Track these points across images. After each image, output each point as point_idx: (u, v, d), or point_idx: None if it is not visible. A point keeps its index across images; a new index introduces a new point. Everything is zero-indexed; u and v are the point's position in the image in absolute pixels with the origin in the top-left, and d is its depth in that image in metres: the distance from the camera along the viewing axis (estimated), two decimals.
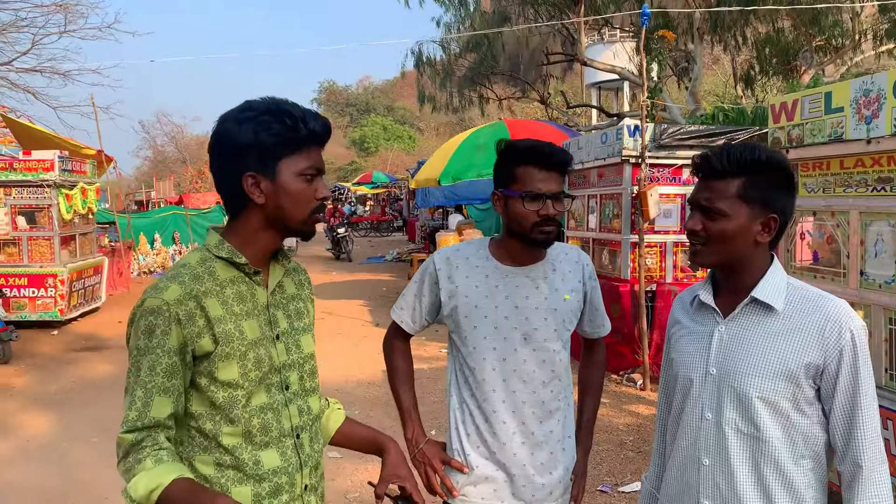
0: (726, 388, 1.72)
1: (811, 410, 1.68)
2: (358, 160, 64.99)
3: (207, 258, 1.62)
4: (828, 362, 1.64)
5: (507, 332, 2.12)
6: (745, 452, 1.71)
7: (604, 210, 7.63)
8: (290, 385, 1.67)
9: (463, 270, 2.18)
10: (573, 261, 2.23)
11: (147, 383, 1.50)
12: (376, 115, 74.23)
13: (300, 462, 1.66)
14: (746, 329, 1.73)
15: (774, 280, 1.72)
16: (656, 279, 7.16)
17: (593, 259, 7.93)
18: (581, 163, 7.94)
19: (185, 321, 1.51)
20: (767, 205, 1.69)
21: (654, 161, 7.03)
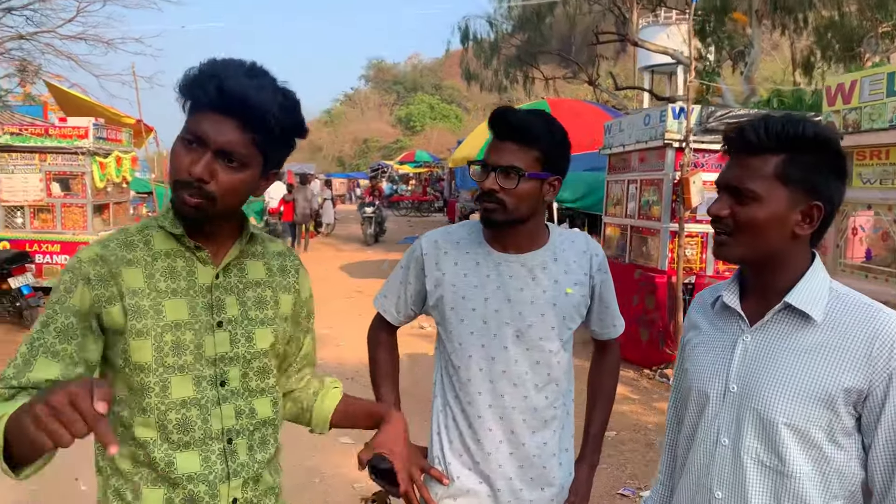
0: (748, 411, 1.43)
1: (849, 443, 1.37)
2: (403, 138, 64.93)
3: (149, 225, 1.46)
4: (873, 387, 1.33)
5: (498, 328, 1.85)
6: (765, 488, 1.42)
7: (643, 196, 7.25)
8: (226, 381, 1.45)
9: (452, 256, 1.92)
10: (580, 250, 1.95)
11: (35, 340, 1.35)
12: (423, 94, 73.95)
13: (228, 471, 1.44)
14: (777, 341, 1.43)
15: (814, 284, 1.42)
16: (696, 271, 6.78)
17: (630, 247, 7.58)
18: (622, 145, 7.56)
19: (95, 282, 1.37)
20: (811, 189, 1.38)
21: (700, 146, 6.62)
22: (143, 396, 1.39)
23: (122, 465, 1.42)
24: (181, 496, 1.40)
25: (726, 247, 1.45)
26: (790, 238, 1.41)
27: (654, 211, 7.02)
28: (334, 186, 43.23)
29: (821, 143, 1.39)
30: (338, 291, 11.53)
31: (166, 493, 1.40)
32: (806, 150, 1.38)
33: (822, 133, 1.40)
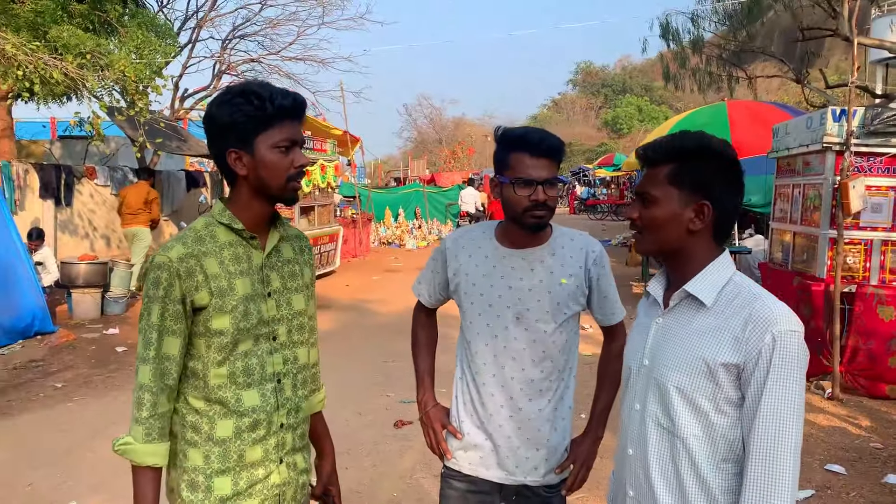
0: (652, 381, 1.71)
1: (734, 412, 1.59)
2: (608, 142, 63.98)
3: (211, 223, 1.86)
4: (747, 363, 1.55)
5: (501, 311, 2.20)
6: (662, 447, 1.68)
7: (806, 201, 7.01)
8: (277, 336, 1.90)
9: (467, 250, 2.29)
10: (577, 247, 2.25)
11: (159, 326, 1.76)
12: (632, 96, 72.33)
13: (277, 403, 1.89)
14: (678, 323, 1.70)
15: (712, 275, 1.67)
16: (857, 280, 6.46)
17: (793, 253, 7.34)
18: (787, 149, 7.34)
19: (184, 276, 1.76)
20: (699, 191, 1.65)
21: (864, 149, 6.32)
22: (220, 352, 1.80)
23: (197, 406, 1.83)
24: (247, 423, 1.84)
25: (639, 243, 1.76)
26: (686, 233, 1.68)
27: (815, 217, 6.78)
28: None
29: (705, 153, 1.66)
30: None
31: (235, 422, 1.83)
32: (692, 158, 1.66)
33: (706, 144, 1.67)
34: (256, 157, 1.79)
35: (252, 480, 1.87)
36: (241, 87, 1.82)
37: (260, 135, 1.78)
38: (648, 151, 1.72)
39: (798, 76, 18.93)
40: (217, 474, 1.83)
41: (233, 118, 1.77)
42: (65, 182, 11.66)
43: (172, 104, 16.21)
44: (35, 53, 8.73)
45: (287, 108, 1.79)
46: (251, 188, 1.84)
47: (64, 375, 7.08)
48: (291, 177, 1.82)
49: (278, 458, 1.91)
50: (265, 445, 1.88)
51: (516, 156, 2.11)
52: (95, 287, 9.50)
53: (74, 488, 4.47)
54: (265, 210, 1.89)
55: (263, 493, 1.88)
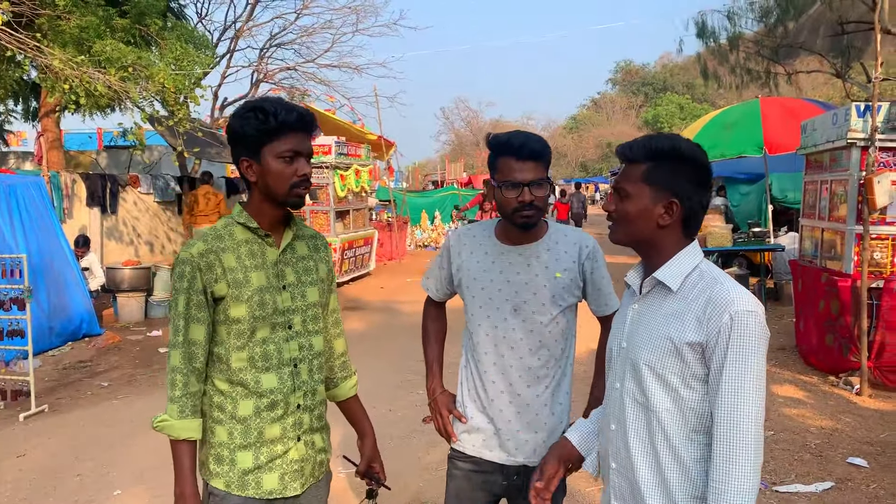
0: (629, 361, 1.84)
1: (701, 387, 1.72)
2: None
3: (230, 223, 2.06)
4: (709, 341, 1.68)
5: (500, 303, 2.36)
6: (639, 421, 1.81)
7: (833, 197, 6.99)
8: (293, 325, 2.08)
9: (469, 247, 2.45)
10: (571, 242, 2.40)
11: (185, 314, 1.97)
12: (673, 94, 71.53)
13: (294, 386, 2.07)
14: (650, 307, 1.84)
15: (679, 263, 1.80)
16: (885, 275, 6.43)
17: (820, 249, 7.32)
18: (814, 145, 7.33)
19: (204, 269, 1.96)
20: (670, 189, 1.78)
21: (890, 144, 6.29)
22: (239, 338, 2.00)
23: (221, 387, 2.03)
24: (265, 403, 2.02)
25: (612, 232, 1.89)
26: (657, 227, 1.81)
27: (842, 212, 6.76)
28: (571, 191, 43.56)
29: (677, 155, 1.79)
30: None
31: (255, 402, 2.02)
32: (665, 159, 1.79)
33: (679, 147, 1.80)
34: (263, 166, 1.99)
35: (272, 455, 2.05)
36: (254, 103, 2.02)
37: (266, 146, 1.97)
38: (626, 150, 1.85)
39: (839, 71, 18.66)
40: (240, 449, 2.03)
41: (243, 130, 1.98)
42: (110, 191, 12.11)
43: (212, 112, 16.69)
44: (80, 67, 9.13)
45: (290, 122, 1.97)
46: (261, 193, 2.04)
47: (110, 375, 7.43)
48: (294, 184, 2.00)
49: (296, 436, 2.09)
50: (283, 424, 2.06)
51: (503, 160, 2.26)
52: (139, 291, 9.89)
53: (119, 479, 4.74)
54: (275, 212, 2.07)
55: (283, 468, 2.06)
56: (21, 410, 6.09)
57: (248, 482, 2.03)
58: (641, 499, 1.79)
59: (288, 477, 2.07)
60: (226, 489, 2.03)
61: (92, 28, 10.14)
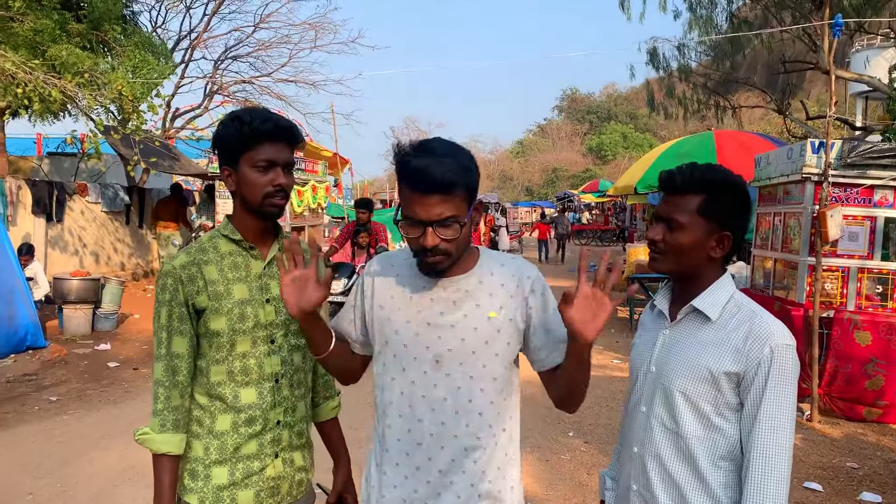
0: (659, 386, 1.87)
1: (733, 416, 1.77)
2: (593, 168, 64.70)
3: (215, 235, 2.04)
4: (747, 372, 1.73)
5: (418, 352, 1.84)
6: (665, 446, 1.84)
7: (787, 229, 7.27)
8: (275, 339, 2.02)
9: (384, 279, 1.95)
10: (508, 273, 1.89)
11: (167, 327, 1.95)
12: (617, 123, 73.28)
13: (275, 401, 2.02)
14: (685, 334, 1.87)
15: (717, 293, 1.85)
16: (835, 306, 6.70)
17: (773, 279, 7.58)
18: (769, 178, 7.61)
19: (186, 281, 1.94)
20: (723, 222, 1.83)
21: (842, 180, 6.59)
22: (218, 351, 1.95)
23: (201, 401, 1.98)
24: (243, 419, 1.97)
25: (658, 262, 1.91)
26: (707, 259, 1.85)
27: (795, 244, 7.03)
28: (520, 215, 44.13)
29: (730, 186, 1.84)
30: None
31: (233, 417, 1.97)
32: (719, 191, 1.83)
33: (730, 178, 1.85)
34: (240, 175, 1.96)
35: (248, 472, 2.00)
36: (236, 112, 2.01)
37: (243, 155, 1.94)
38: (677, 180, 1.86)
39: (780, 107, 19.43)
40: (215, 464, 1.99)
41: (222, 139, 1.97)
42: (56, 199, 11.72)
43: (164, 123, 16.34)
44: (34, 72, 8.86)
45: (265, 131, 1.93)
46: (239, 203, 2.02)
47: (58, 389, 7.14)
48: (268, 194, 1.95)
49: (273, 453, 2.03)
50: (261, 440, 2.01)
51: (403, 188, 1.73)
52: (87, 303, 9.56)
53: (74, 498, 4.55)
54: (256, 223, 2.03)
55: (259, 485, 2.01)
56: None
57: (222, 498, 1.98)
58: None
59: (264, 493, 2.02)
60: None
61: (47, 32, 9.86)
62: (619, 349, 9.28)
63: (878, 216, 6.65)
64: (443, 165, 1.67)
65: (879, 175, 6.53)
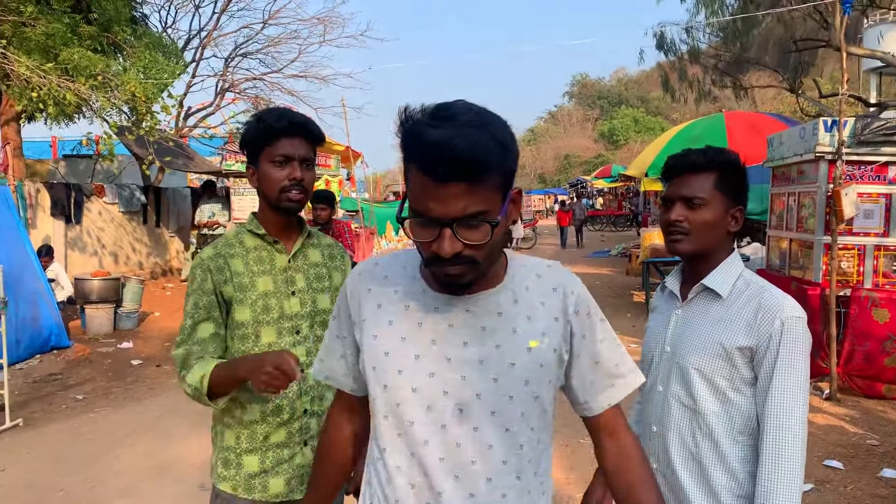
0: (675, 365, 1.92)
1: (748, 391, 1.81)
2: (605, 153, 64.46)
3: (241, 231, 2.13)
4: (759, 345, 1.77)
5: (434, 399, 1.36)
6: (683, 423, 1.89)
7: (801, 209, 7.25)
8: (300, 330, 2.08)
9: (375, 295, 1.45)
10: (548, 287, 1.44)
11: (193, 314, 2.02)
12: (628, 107, 72.90)
13: (301, 391, 2.07)
14: (697, 313, 1.92)
15: (727, 271, 1.90)
16: (852, 284, 6.69)
17: (789, 259, 7.57)
18: (782, 158, 7.59)
19: (214, 271, 2.02)
20: (735, 197, 1.89)
21: (855, 158, 6.56)
22: (244, 342, 2.02)
23: None
24: (271, 408, 2.04)
25: (683, 243, 1.92)
26: (726, 235, 1.90)
27: (810, 223, 7.02)
28: (534, 202, 44.07)
29: (736, 164, 1.90)
30: None
31: (261, 407, 2.03)
32: (729, 169, 1.89)
33: (733, 157, 1.92)
34: (260, 171, 2.05)
35: (278, 460, 2.07)
36: (257, 113, 2.10)
37: (262, 152, 2.03)
38: (696, 159, 1.90)
39: (792, 86, 19.26)
40: (246, 453, 2.06)
41: (246, 139, 2.06)
42: (74, 200, 11.86)
43: (176, 122, 16.46)
44: (48, 76, 8.96)
45: (280, 127, 2.02)
46: (262, 199, 2.10)
47: (83, 388, 7.27)
48: (284, 188, 2.02)
49: (302, 441, 2.09)
50: (289, 429, 2.07)
51: (412, 172, 1.25)
52: (108, 302, 9.69)
53: (104, 493, 4.65)
54: (279, 218, 2.10)
55: (289, 472, 2.08)
56: None
57: (254, 485, 2.05)
58: (685, 498, 1.86)
59: (294, 481, 2.08)
60: (232, 492, 2.06)
61: (59, 35, 9.96)
62: (636, 333, 9.30)
63: (893, 193, 6.63)
64: (470, 140, 1.17)
65: (893, 151, 6.49)
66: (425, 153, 1.20)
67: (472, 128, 1.19)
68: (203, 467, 4.94)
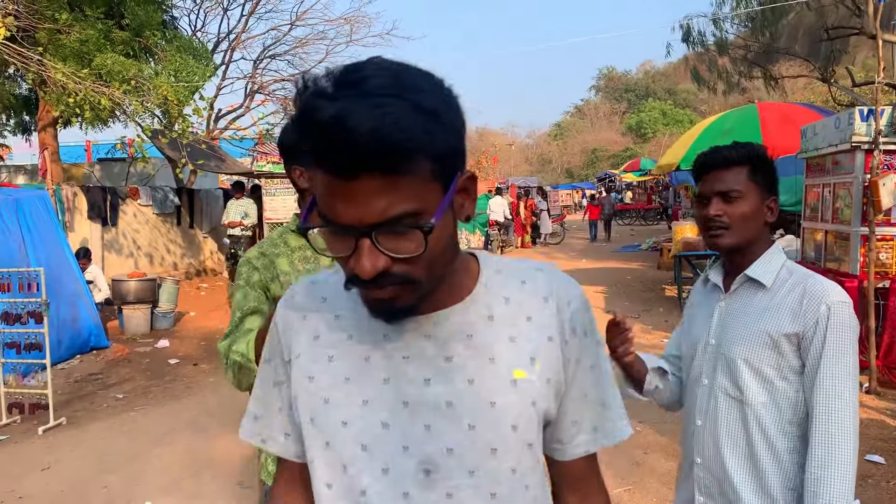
0: (720, 357, 1.92)
1: (797, 379, 1.80)
2: (633, 147, 63.92)
3: (285, 231, 2.18)
4: (806, 331, 1.76)
5: (391, 458, 1.03)
6: (731, 415, 1.88)
7: (837, 200, 7.14)
8: None
9: (312, 325, 1.11)
10: (539, 296, 1.09)
11: (242, 307, 2.06)
12: (655, 100, 72.20)
13: None
14: (741, 304, 1.92)
15: (770, 261, 1.89)
16: (891, 275, 6.57)
17: (825, 251, 7.46)
18: (816, 149, 7.48)
19: (261, 269, 2.08)
20: (769, 188, 1.89)
21: (893, 147, 6.45)
22: None
23: None
24: None
25: (723, 238, 1.91)
26: (763, 226, 1.91)
27: (845, 214, 6.91)
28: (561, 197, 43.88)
29: (764, 156, 1.91)
30: None
31: None
32: (760, 162, 1.90)
33: (764, 151, 1.93)
34: (312, 172, 2.05)
35: None
36: None
37: None
38: (728, 154, 1.91)
39: (824, 75, 18.95)
40: None
41: (290, 139, 2.01)
42: (110, 203, 12.09)
43: (207, 124, 16.66)
44: (83, 81, 9.14)
45: None
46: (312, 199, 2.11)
47: (123, 387, 7.42)
48: None
49: None
50: None
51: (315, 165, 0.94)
52: (145, 303, 9.87)
53: (146, 490, 4.75)
54: None
55: None
56: (39, 424, 6.07)
57: None
58: (734, 492, 1.86)
59: None
60: None
61: (92, 41, 10.15)
62: (669, 328, 9.23)
63: None
64: (378, 114, 0.85)
65: None
66: (319, 136, 0.87)
67: (382, 96, 0.85)
68: (241, 464, 5.02)
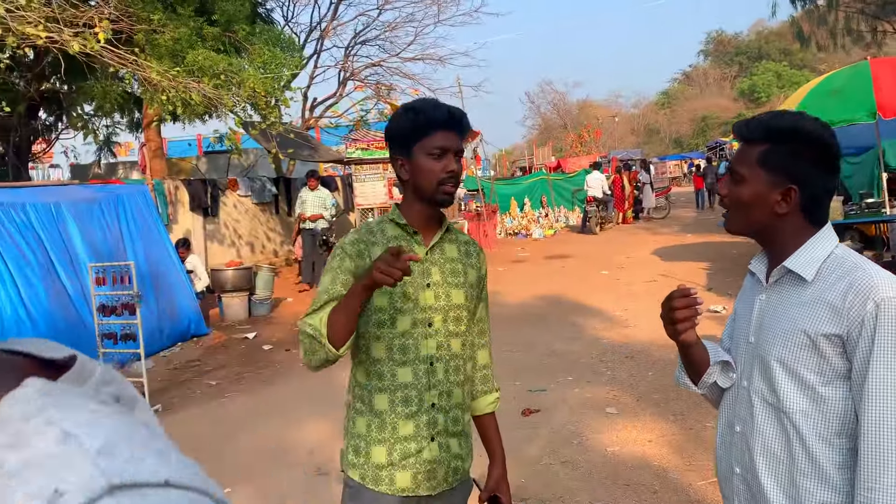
0: (757, 358, 1.71)
1: (844, 385, 1.57)
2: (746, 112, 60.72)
3: (383, 220, 2.16)
4: (850, 332, 1.52)
5: None
6: (769, 424, 1.67)
7: None
8: (433, 323, 2.07)
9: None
10: None
11: (329, 290, 2.02)
12: (769, 62, 68.34)
13: (429, 384, 2.06)
14: (779, 298, 1.70)
15: (813, 250, 1.65)
16: None
17: None
18: None
19: (354, 256, 2.05)
20: (788, 174, 1.63)
21: None
22: (380, 328, 2.03)
23: (360, 379, 2.09)
24: (399, 397, 2.04)
25: (728, 222, 1.75)
26: (773, 215, 1.66)
27: None
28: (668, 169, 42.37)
29: (799, 135, 1.62)
30: (640, 276, 11.79)
31: (389, 396, 2.04)
32: (784, 140, 1.63)
33: (801, 127, 1.63)
34: (414, 163, 2.03)
35: (405, 453, 2.05)
36: (408, 104, 2.11)
37: (416, 143, 2.02)
38: (742, 128, 1.71)
39: None
40: (375, 443, 2.06)
41: (397, 130, 2.06)
42: (211, 195, 12.56)
43: (303, 114, 17.04)
44: (176, 79, 9.48)
45: (438, 119, 2.01)
46: (412, 191, 2.08)
47: (217, 374, 7.70)
48: (442, 181, 2.02)
49: (429, 436, 2.07)
50: (416, 421, 2.05)
51: None
52: (242, 291, 10.22)
53: (229, 476, 4.88)
54: (426, 211, 2.10)
55: (416, 467, 2.05)
56: None
57: (381, 477, 2.04)
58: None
59: (421, 476, 2.06)
60: (360, 481, 2.06)
61: (184, 39, 10.50)
62: None
63: None
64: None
65: None
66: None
67: None
68: (317, 452, 5.08)
